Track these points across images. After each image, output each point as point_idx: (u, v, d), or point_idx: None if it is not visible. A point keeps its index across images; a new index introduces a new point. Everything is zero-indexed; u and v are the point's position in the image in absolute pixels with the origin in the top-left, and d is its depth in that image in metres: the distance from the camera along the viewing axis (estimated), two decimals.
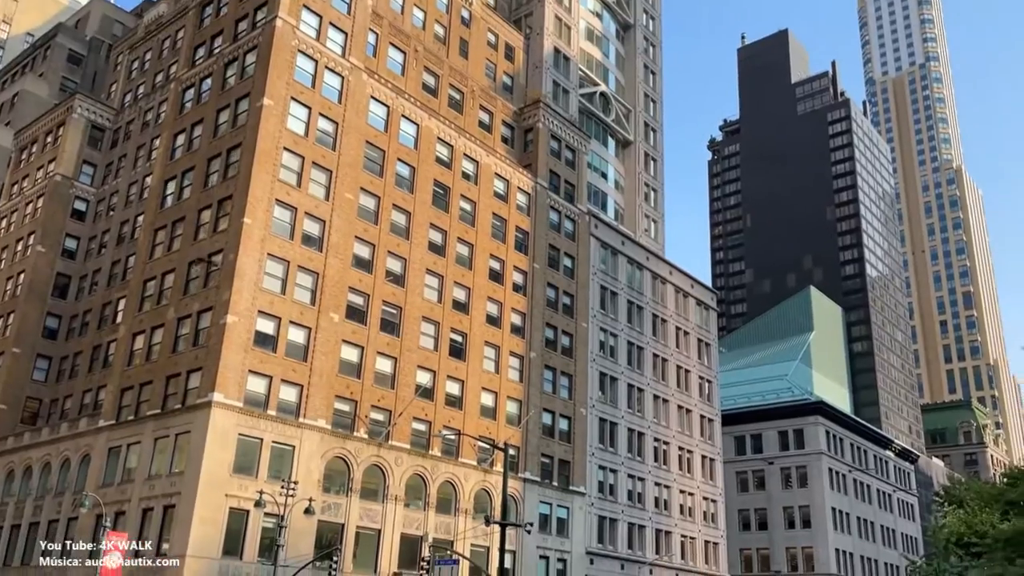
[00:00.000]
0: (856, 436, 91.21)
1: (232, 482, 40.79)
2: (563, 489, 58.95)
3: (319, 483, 44.36)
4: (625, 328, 69.24)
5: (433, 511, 49.61)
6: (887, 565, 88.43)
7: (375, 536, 46.85)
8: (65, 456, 49.94)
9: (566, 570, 57.54)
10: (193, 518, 39.24)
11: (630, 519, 64.32)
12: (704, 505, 72.59)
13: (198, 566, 38.88)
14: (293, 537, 40.80)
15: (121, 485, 44.81)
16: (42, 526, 49.34)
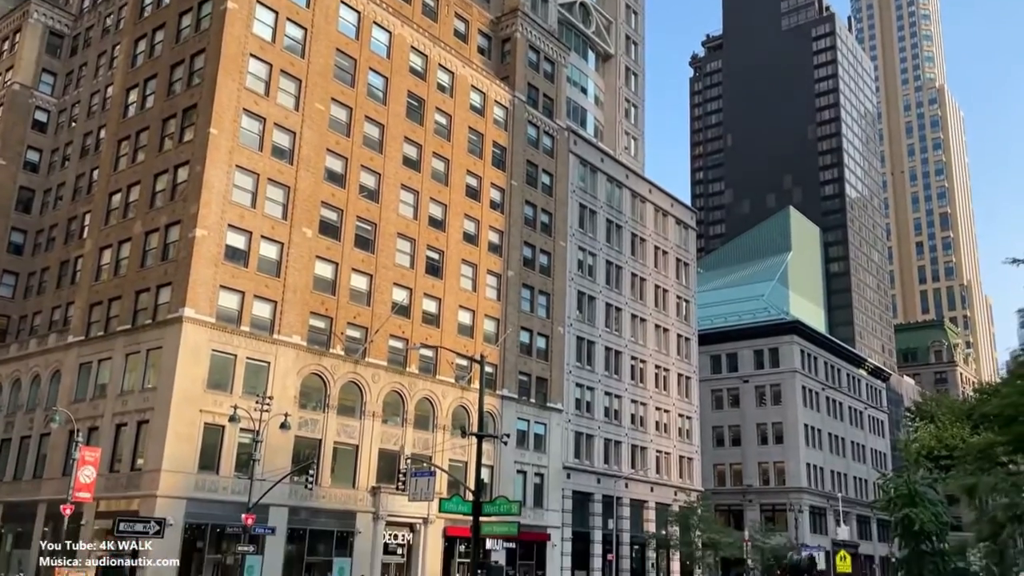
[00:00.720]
0: (830, 355, 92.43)
1: (206, 398, 40.46)
2: (540, 406, 59.30)
3: (295, 399, 44.13)
4: (604, 247, 68.75)
5: (411, 427, 49.72)
6: (855, 479, 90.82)
7: (353, 451, 46.97)
8: (35, 372, 49.35)
9: (543, 484, 58.37)
10: (167, 433, 39.01)
11: (606, 435, 65.10)
12: (679, 422, 73.61)
13: (173, 480, 38.84)
14: (270, 452, 40.75)
15: (93, 401, 44.43)
16: (14, 442, 49.13)
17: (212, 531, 40.33)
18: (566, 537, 59.15)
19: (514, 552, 54.73)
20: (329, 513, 44.83)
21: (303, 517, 43.72)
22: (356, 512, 46.03)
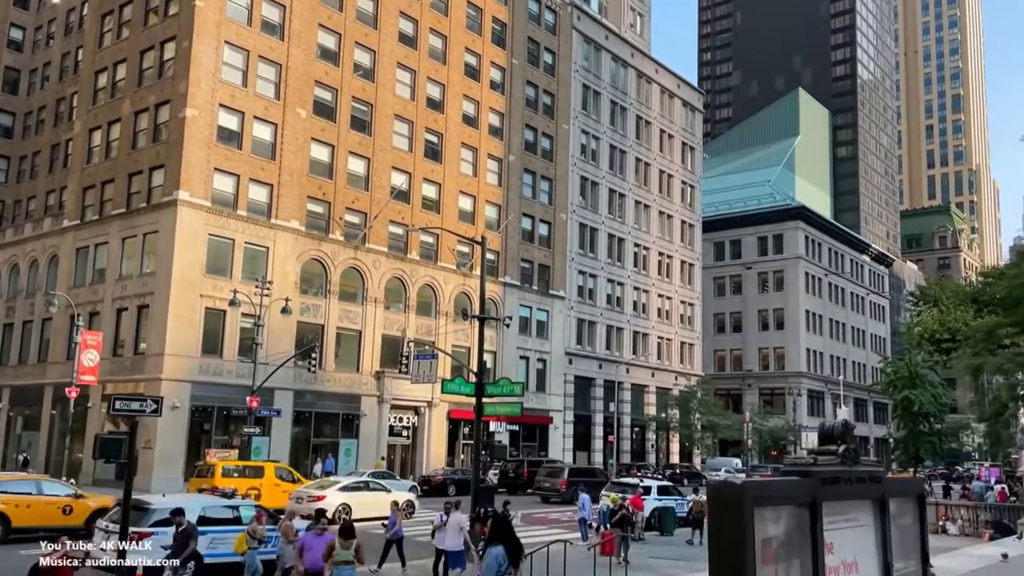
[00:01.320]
0: (834, 241, 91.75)
1: (206, 282, 40.04)
2: (543, 293, 59.09)
3: (296, 285, 43.75)
4: (608, 130, 66.96)
5: (413, 313, 49.59)
6: (854, 363, 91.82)
7: (356, 337, 46.99)
8: (32, 257, 48.90)
9: (545, 369, 58.85)
10: (169, 318, 38.82)
11: (608, 322, 65.22)
12: (681, 309, 73.68)
13: (177, 364, 38.91)
14: (272, 337, 40.69)
15: (93, 286, 44.12)
16: (16, 327, 49.18)
17: (219, 413, 40.74)
18: (568, 420, 60.13)
19: (517, 434, 55.73)
20: (334, 397, 45.24)
21: (308, 400, 44.14)
22: (361, 396, 46.46)
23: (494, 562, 8.30)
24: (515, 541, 8.64)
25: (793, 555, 4.48)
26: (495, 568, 8.26)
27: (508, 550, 8.41)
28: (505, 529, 8.66)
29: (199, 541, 15.26)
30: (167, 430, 38.49)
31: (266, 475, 31.47)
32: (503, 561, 8.28)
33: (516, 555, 8.49)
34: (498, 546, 8.41)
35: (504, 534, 8.54)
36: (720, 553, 4.14)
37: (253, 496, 27.69)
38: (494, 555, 8.38)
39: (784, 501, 4.44)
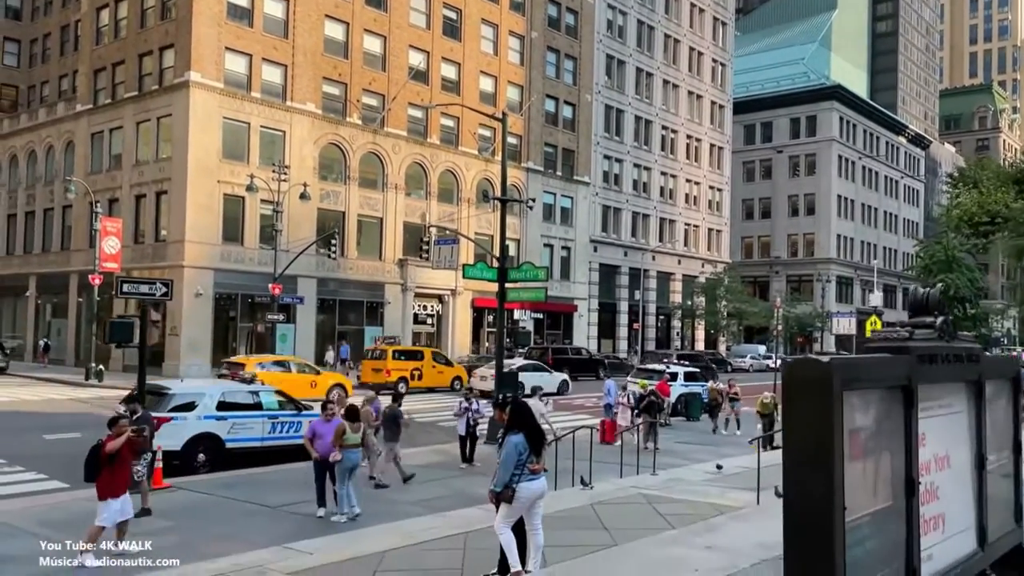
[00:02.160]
0: (870, 122, 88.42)
1: (223, 168, 39.25)
2: (567, 179, 57.69)
3: (315, 170, 42.81)
4: (635, 4, 63.70)
5: (435, 200, 48.62)
6: (885, 248, 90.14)
7: (377, 224, 46.31)
8: (48, 143, 48.21)
9: (570, 257, 58.12)
10: (187, 204, 38.30)
11: (634, 208, 63.90)
12: (709, 194, 71.99)
13: (199, 251, 38.61)
14: (293, 224, 40.10)
15: (110, 172, 43.52)
16: (38, 215, 48.99)
17: (243, 301, 40.66)
18: (592, 308, 59.82)
19: (541, 322, 55.60)
20: (357, 284, 44.97)
21: (332, 288, 43.92)
22: (384, 283, 46.17)
23: (513, 450, 7.65)
24: (536, 428, 7.97)
25: (882, 449, 3.72)
26: (515, 457, 7.63)
27: (529, 437, 7.75)
28: (524, 415, 7.93)
29: (220, 428, 15.02)
30: (193, 317, 38.60)
31: (425, 358, 36.11)
32: (523, 449, 7.66)
33: (538, 443, 7.89)
34: (518, 434, 7.74)
35: (524, 421, 7.87)
36: (799, 446, 3.38)
37: (415, 377, 34.27)
38: (513, 443, 7.71)
39: (875, 383, 3.64)
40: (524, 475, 7.61)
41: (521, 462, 7.60)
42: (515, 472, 7.59)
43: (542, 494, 7.88)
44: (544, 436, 8.13)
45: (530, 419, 7.89)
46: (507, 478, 7.62)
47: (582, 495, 11.72)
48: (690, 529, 8.88)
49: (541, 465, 7.92)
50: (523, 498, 7.65)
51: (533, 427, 7.86)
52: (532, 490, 7.68)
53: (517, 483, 7.58)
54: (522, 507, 7.70)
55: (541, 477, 7.88)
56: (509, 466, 7.62)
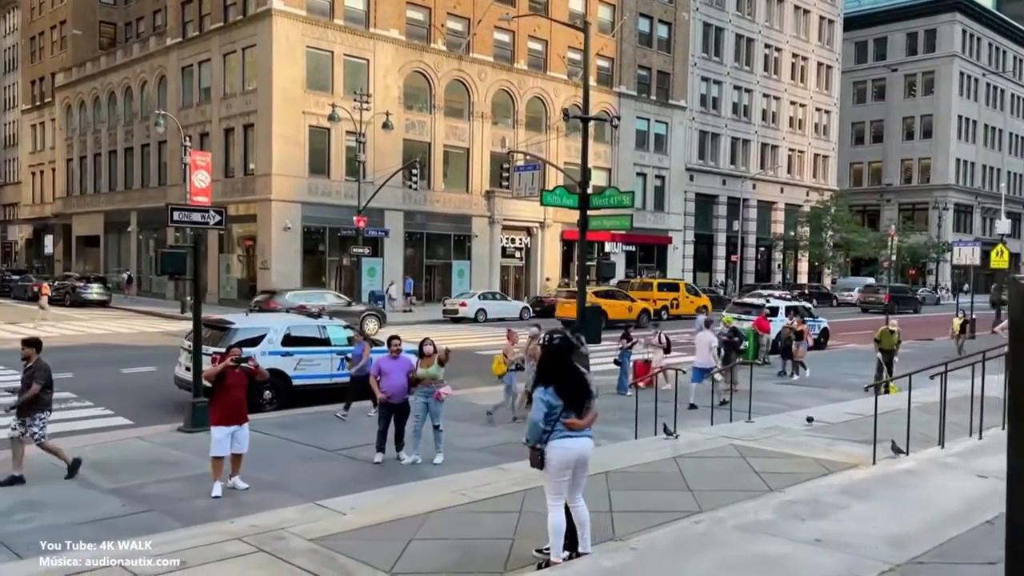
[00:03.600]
0: (996, 35, 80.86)
1: (308, 98, 38.77)
2: (661, 104, 54.92)
3: (399, 99, 41.82)
4: None
5: (522, 129, 47.01)
6: (1010, 174, 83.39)
7: (464, 154, 45.21)
8: (143, 79, 48.81)
9: (664, 187, 55.73)
10: (273, 136, 38.11)
11: (734, 133, 60.59)
12: (816, 117, 67.62)
13: (286, 184, 38.50)
14: (379, 156, 39.46)
15: (200, 106, 43.75)
16: (136, 151, 49.95)
17: (331, 234, 40.51)
18: (688, 240, 57.52)
19: (633, 255, 53.82)
20: (444, 217, 44.20)
21: (419, 221, 43.32)
22: (472, 216, 45.25)
23: (540, 411, 6.14)
24: (572, 378, 6.25)
25: None
26: (542, 413, 6.13)
27: (563, 392, 6.16)
28: (556, 362, 6.26)
29: (286, 364, 14.36)
30: (282, 251, 38.74)
31: (680, 290, 41.30)
32: (555, 405, 6.11)
33: (576, 396, 6.22)
34: (548, 387, 6.16)
35: (555, 370, 6.22)
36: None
37: (673, 306, 38.94)
38: (538, 399, 6.20)
39: None
40: (557, 431, 6.08)
41: (553, 417, 6.13)
42: (546, 429, 6.12)
43: (582, 457, 6.19)
44: (586, 386, 6.32)
45: (564, 367, 6.23)
46: (534, 436, 6.16)
47: (665, 446, 10.35)
48: (792, 502, 7.15)
49: (585, 421, 6.20)
50: (555, 461, 6.10)
51: (569, 377, 6.20)
52: (567, 450, 6.07)
53: (547, 441, 6.08)
54: (558, 472, 6.13)
55: (583, 435, 6.18)
56: (537, 423, 6.14)
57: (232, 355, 9.46)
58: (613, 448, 10.59)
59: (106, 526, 7.70)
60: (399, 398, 10.64)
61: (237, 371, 9.32)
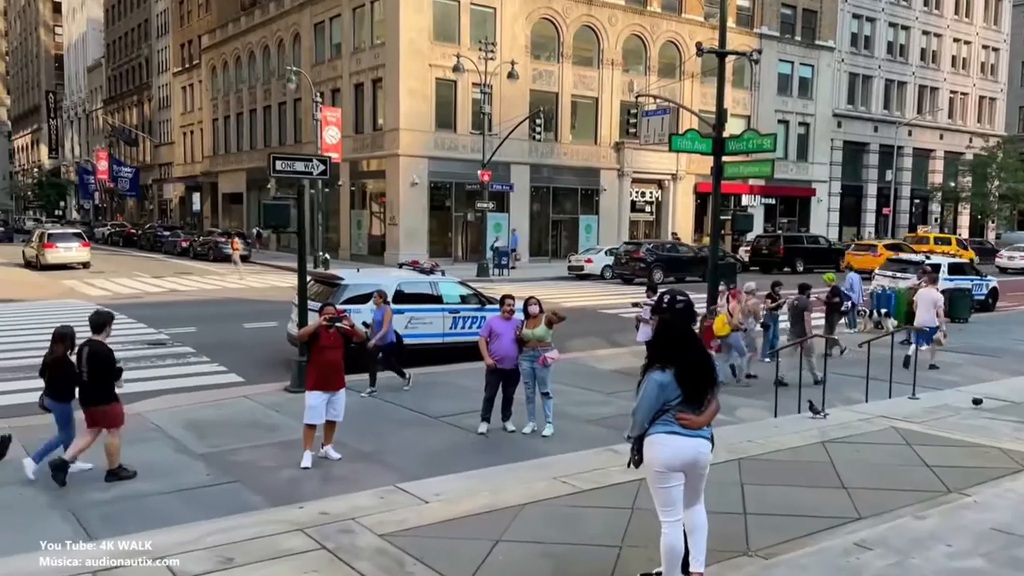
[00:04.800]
0: None
1: (434, 51, 38.21)
2: (807, 44, 51.05)
3: (526, 49, 40.58)
4: None
5: (655, 76, 44.73)
6: None
7: (592, 105, 43.59)
8: (279, 37, 49.70)
9: (808, 134, 52.08)
10: (400, 90, 37.89)
11: (888, 75, 55.76)
12: (982, 55, 61.32)
13: (412, 139, 38.29)
14: (505, 107, 38.53)
15: (331, 62, 44.14)
16: (273, 109, 51.08)
17: (457, 189, 40.07)
18: (834, 192, 53.71)
19: (773, 208, 50.84)
20: (571, 170, 42.90)
21: (545, 175, 42.24)
22: (600, 169, 43.73)
23: (654, 391, 4.82)
24: (695, 361, 4.88)
25: None
26: (654, 399, 4.81)
27: (682, 377, 4.80)
28: (677, 338, 4.89)
29: (397, 322, 13.72)
30: (410, 206, 38.67)
31: (952, 243, 43.26)
32: (671, 393, 4.78)
33: (698, 384, 4.85)
34: (664, 370, 4.81)
35: (675, 348, 4.85)
36: None
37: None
38: (655, 382, 4.83)
39: None
40: (665, 423, 4.77)
41: (665, 408, 4.79)
42: (654, 419, 4.80)
43: (696, 461, 4.82)
44: (712, 372, 4.97)
45: (687, 343, 4.90)
46: (639, 424, 4.84)
47: (812, 427, 8.81)
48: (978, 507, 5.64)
49: (703, 418, 4.82)
50: (657, 459, 4.76)
51: (692, 359, 4.85)
52: (675, 449, 4.73)
53: (650, 434, 4.78)
54: (661, 476, 4.77)
55: (698, 435, 4.80)
56: (646, 409, 4.80)
57: (326, 314, 8.73)
58: (747, 429, 9.16)
59: (184, 498, 7.19)
60: (510, 363, 9.66)
61: (332, 331, 8.59)
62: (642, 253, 32.30)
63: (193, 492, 7.34)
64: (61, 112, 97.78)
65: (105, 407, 7.64)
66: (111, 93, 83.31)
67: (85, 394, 7.61)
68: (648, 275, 29.24)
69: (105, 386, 7.63)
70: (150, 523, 6.13)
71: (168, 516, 6.53)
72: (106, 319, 7.97)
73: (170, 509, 6.80)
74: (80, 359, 7.64)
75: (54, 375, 7.75)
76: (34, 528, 6.30)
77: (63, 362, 7.72)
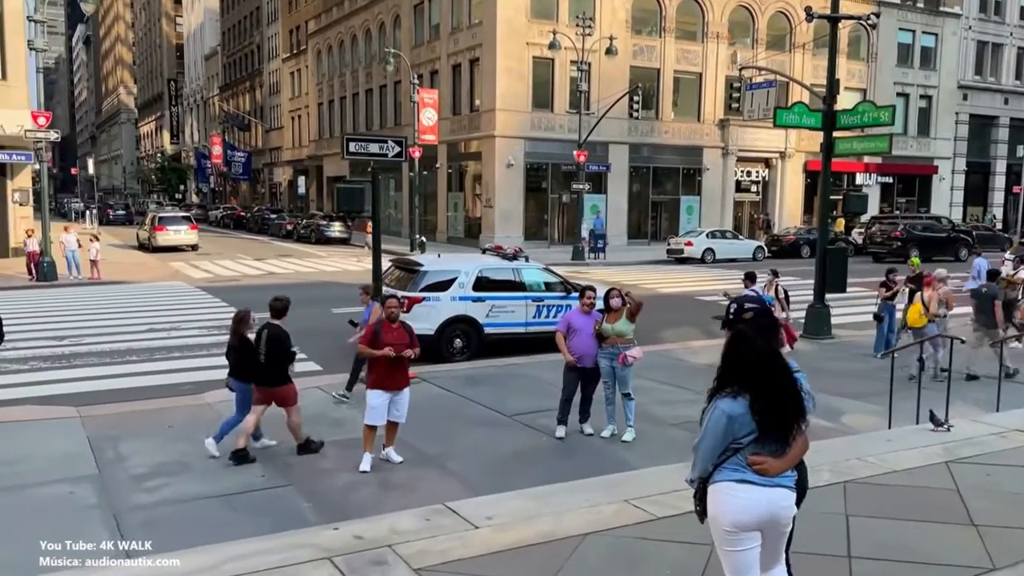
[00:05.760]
0: None
1: (531, 28, 37.51)
2: (930, 11, 47.61)
3: (626, 23, 39.31)
4: None
5: (762, 49, 42.59)
6: None
7: (695, 80, 41.93)
8: (380, 20, 50.01)
9: (930, 108, 48.67)
10: (497, 69, 37.39)
11: (1021, 43, 51.46)
12: None
13: (509, 119, 37.73)
14: (603, 85, 37.36)
15: (430, 43, 43.99)
16: (374, 92, 51.42)
17: (553, 171, 39.31)
18: (958, 169, 50.13)
19: (890, 187, 47.87)
20: (673, 149, 41.42)
21: (645, 155, 40.96)
22: (703, 147, 42.07)
23: (721, 424, 3.79)
24: (783, 385, 3.78)
25: None
26: (721, 435, 3.79)
27: (761, 406, 3.72)
28: (752, 358, 3.79)
29: (477, 310, 13.13)
30: (505, 188, 38.16)
31: None
32: (741, 424, 3.75)
33: (785, 417, 3.77)
34: (735, 397, 3.76)
35: (750, 367, 3.77)
36: None
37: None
38: (723, 413, 3.77)
39: None
40: (734, 468, 3.76)
41: (735, 447, 3.77)
42: (718, 461, 3.80)
43: (774, 518, 3.78)
44: (800, 401, 3.82)
45: (769, 364, 3.78)
46: (700, 466, 3.88)
47: (933, 442, 7.57)
48: None
49: (785, 462, 3.76)
50: (724, 515, 3.77)
51: (774, 383, 3.75)
52: (746, 502, 3.71)
53: (715, 480, 3.81)
54: (729, 537, 3.78)
55: (778, 482, 3.75)
56: (710, 447, 3.81)
57: (389, 307, 8.11)
58: (856, 443, 7.96)
59: (232, 503, 6.78)
60: (589, 361, 8.83)
61: (396, 326, 8.01)
62: (900, 232, 32.80)
63: (242, 497, 6.93)
64: (181, 99, 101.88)
65: (281, 388, 8.03)
66: (226, 80, 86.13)
67: (262, 374, 8.02)
68: (903, 253, 28.10)
69: (281, 367, 8.04)
70: (183, 534, 5.73)
71: (206, 526, 6.16)
72: (286, 304, 8.53)
73: (211, 516, 6.42)
74: (259, 341, 8.09)
75: (239, 356, 8.22)
76: (66, 529, 5.98)
77: (246, 344, 8.18)
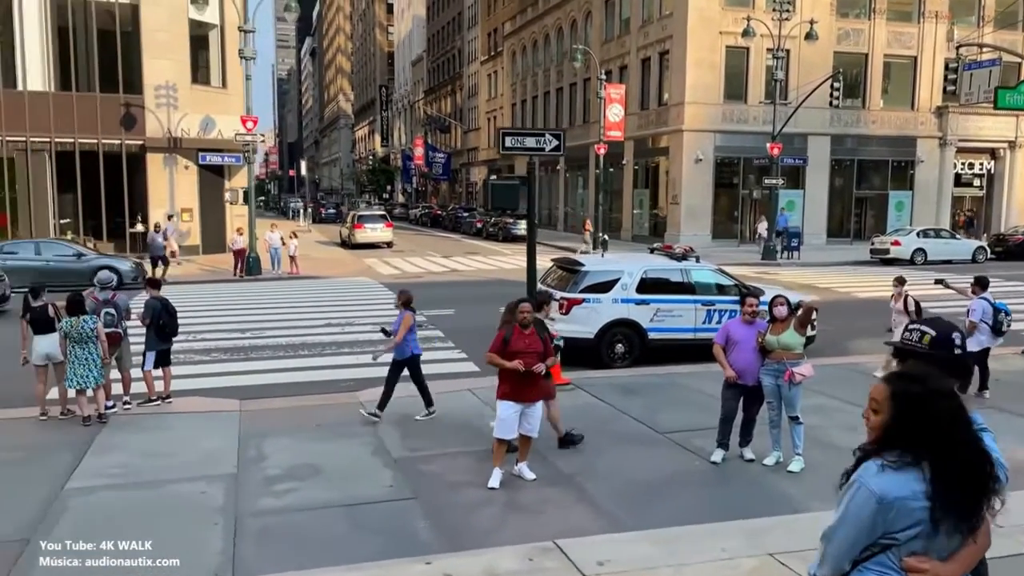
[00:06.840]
0: None
1: (726, 16, 35.97)
2: None
3: (831, 6, 36.71)
4: None
5: (990, 27, 38.12)
6: None
7: (909, 65, 38.44)
8: (572, 18, 50.05)
9: None
10: (687, 61, 36.19)
11: None
12: None
13: (698, 113, 36.40)
14: (803, 73, 35.06)
15: (620, 38, 43.52)
16: (564, 90, 51.46)
17: (746, 165, 37.41)
18: None
19: None
20: (881, 140, 38.19)
21: (849, 146, 38.06)
22: (916, 138, 38.47)
23: (867, 512, 2.50)
24: (972, 451, 2.49)
25: None
26: (864, 529, 2.51)
27: (940, 477, 2.43)
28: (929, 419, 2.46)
29: (640, 314, 12.39)
30: (692, 184, 36.79)
31: None
32: (904, 513, 2.46)
33: (971, 494, 2.45)
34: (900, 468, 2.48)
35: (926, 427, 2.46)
36: None
37: None
38: (869, 495, 2.48)
39: None
40: (882, 566, 2.51)
41: (887, 543, 2.51)
42: (862, 559, 2.54)
43: None
44: (991, 472, 2.50)
45: (953, 423, 2.48)
46: (834, 565, 2.59)
47: None
48: None
49: (955, 566, 2.50)
50: None
51: (958, 448, 2.47)
52: None
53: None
54: None
55: None
56: (848, 540, 2.55)
57: (521, 312, 7.62)
58: None
59: (349, 515, 6.53)
60: (751, 378, 7.86)
61: (528, 332, 7.52)
62: None
63: (363, 508, 6.69)
64: (391, 104, 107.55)
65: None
66: (430, 84, 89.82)
67: None
68: None
69: None
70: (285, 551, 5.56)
71: (314, 543, 5.96)
72: (545, 298, 8.86)
73: (325, 530, 6.22)
74: None
75: None
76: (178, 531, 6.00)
77: None
